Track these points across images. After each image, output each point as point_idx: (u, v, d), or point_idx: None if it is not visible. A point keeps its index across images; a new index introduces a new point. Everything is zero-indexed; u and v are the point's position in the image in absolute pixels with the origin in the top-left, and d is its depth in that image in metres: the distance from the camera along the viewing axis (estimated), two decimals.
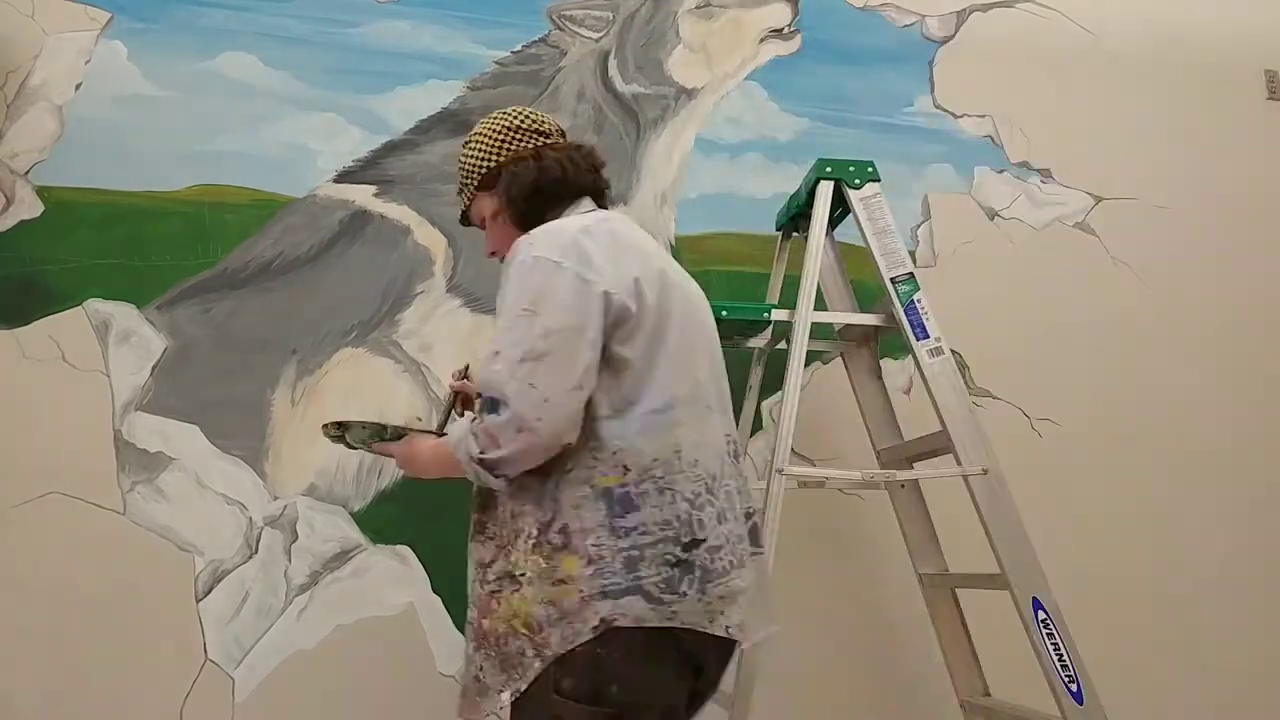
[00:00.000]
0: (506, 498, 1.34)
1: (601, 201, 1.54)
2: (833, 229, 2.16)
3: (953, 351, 1.92)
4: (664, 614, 1.24)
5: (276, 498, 2.15)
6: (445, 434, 1.42)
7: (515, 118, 1.55)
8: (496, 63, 2.48)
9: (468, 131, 1.58)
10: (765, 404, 2.36)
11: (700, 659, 1.33)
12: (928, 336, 1.90)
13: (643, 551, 1.26)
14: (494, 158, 1.52)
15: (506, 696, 1.27)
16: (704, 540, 1.29)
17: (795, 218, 2.20)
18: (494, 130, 1.53)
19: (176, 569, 2.08)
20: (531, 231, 1.39)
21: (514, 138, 1.52)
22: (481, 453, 1.27)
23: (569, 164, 1.49)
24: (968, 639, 2.00)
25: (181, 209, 2.27)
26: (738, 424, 2.17)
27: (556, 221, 1.43)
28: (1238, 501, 2.58)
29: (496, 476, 1.29)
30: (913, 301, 1.92)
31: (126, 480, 2.10)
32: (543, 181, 1.48)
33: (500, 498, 1.35)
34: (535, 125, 1.54)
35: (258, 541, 2.12)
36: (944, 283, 2.50)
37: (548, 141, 1.53)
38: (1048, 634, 1.74)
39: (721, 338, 2.15)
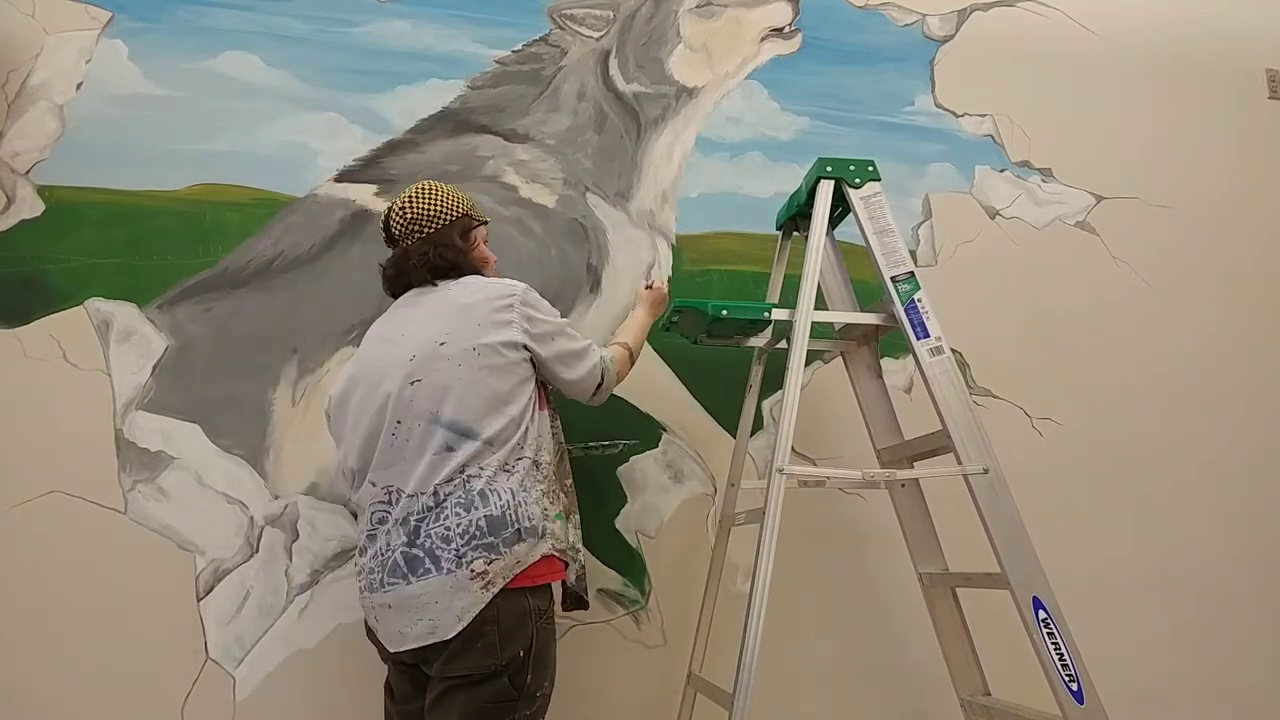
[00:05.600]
0: None
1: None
2: (833, 228, 2.16)
3: (953, 351, 1.92)
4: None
5: (277, 497, 2.15)
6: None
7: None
8: (497, 62, 2.48)
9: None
10: (765, 403, 2.36)
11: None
12: (928, 336, 1.90)
13: None
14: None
15: None
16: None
17: (795, 217, 2.20)
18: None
19: (177, 568, 2.08)
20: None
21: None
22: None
23: None
24: (968, 638, 2.00)
25: (182, 208, 2.27)
26: (738, 423, 2.21)
27: None
28: (1237, 501, 2.58)
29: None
30: (913, 301, 1.92)
31: (127, 479, 2.10)
32: None
33: None
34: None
35: (259, 540, 2.13)
36: (944, 282, 2.51)
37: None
38: (1048, 634, 1.74)
39: (722, 337, 2.20)
